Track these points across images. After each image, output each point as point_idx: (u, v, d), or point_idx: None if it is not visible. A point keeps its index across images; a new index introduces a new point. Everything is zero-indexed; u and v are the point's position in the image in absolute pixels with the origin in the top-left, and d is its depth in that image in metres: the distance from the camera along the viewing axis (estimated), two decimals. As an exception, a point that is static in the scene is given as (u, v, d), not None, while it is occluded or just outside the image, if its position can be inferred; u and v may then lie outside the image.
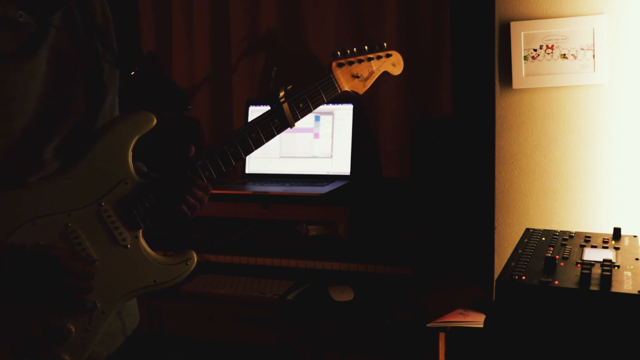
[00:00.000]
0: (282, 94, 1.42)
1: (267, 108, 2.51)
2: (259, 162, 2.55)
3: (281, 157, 2.52)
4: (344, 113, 2.45)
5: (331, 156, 2.46)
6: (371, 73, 1.54)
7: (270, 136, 1.42)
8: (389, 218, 2.32)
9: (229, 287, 2.21)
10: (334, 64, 1.49)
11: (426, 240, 2.19)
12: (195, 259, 1.38)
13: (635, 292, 1.37)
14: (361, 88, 1.53)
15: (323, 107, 2.47)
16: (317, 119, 2.47)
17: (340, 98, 2.51)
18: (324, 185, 2.32)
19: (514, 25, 2.06)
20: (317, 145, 2.48)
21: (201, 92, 2.85)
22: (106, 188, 1.30)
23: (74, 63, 1.31)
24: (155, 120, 1.33)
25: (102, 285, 1.27)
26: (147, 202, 1.32)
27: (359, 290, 2.15)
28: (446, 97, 2.43)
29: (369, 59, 1.54)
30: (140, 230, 1.33)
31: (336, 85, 1.48)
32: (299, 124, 1.46)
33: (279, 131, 1.43)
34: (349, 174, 2.43)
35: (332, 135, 2.46)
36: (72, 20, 1.32)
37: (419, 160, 2.36)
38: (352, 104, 2.45)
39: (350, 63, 1.51)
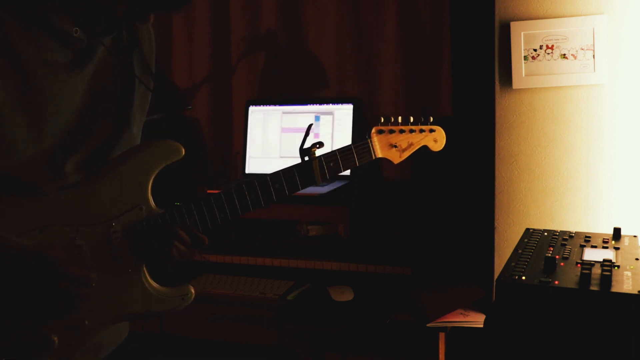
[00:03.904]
0: (314, 150, 1.41)
1: (267, 108, 2.54)
2: (259, 162, 2.55)
3: (281, 157, 2.52)
4: (344, 113, 2.45)
5: (331, 156, 2.45)
6: (410, 145, 1.51)
7: (294, 189, 1.40)
8: (389, 218, 2.32)
9: (229, 287, 2.21)
10: (374, 129, 1.47)
11: (426, 240, 2.19)
12: (193, 295, 1.37)
13: (635, 292, 1.36)
14: (397, 158, 1.50)
15: (323, 107, 2.48)
16: (317, 119, 2.47)
17: (340, 98, 2.52)
18: (323, 185, 2.32)
19: (514, 25, 2.06)
20: (317, 145, 2.47)
21: (201, 92, 2.85)
22: (120, 210, 1.29)
23: (111, 85, 1.32)
24: (183, 152, 1.33)
25: (94, 303, 1.25)
26: (151, 235, 1.31)
27: (359, 290, 2.15)
28: (446, 97, 2.43)
29: (411, 131, 1.52)
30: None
31: (371, 151, 1.47)
32: (298, 124, 1.45)
33: (304, 186, 1.41)
34: (348, 174, 2.42)
35: (332, 135, 2.46)
36: (120, 44, 1.34)
37: (419, 160, 2.36)
38: (352, 103, 2.45)
39: (391, 132, 1.49)
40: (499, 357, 1.49)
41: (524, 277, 1.48)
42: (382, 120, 1.49)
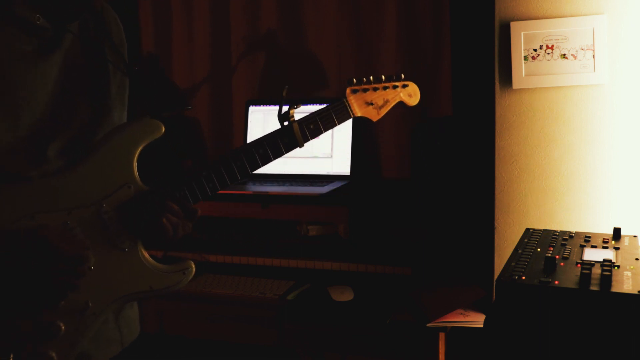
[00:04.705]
0: (292, 112, 1.44)
1: (267, 108, 2.54)
2: (259, 162, 2.55)
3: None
4: (344, 113, 2.45)
5: (331, 156, 2.46)
6: (386, 102, 1.55)
7: (278, 154, 1.43)
8: (389, 218, 2.32)
9: (229, 287, 2.21)
10: (348, 89, 1.51)
11: (426, 240, 2.19)
12: (194, 269, 1.37)
13: (635, 292, 1.37)
14: (375, 115, 1.54)
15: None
16: (317, 119, 2.47)
17: (340, 98, 2.51)
18: (323, 185, 2.32)
19: (514, 25, 2.06)
20: (317, 145, 2.47)
21: (201, 92, 2.85)
22: (109, 190, 1.29)
23: (84, 71, 1.33)
24: (163, 129, 1.33)
25: (96, 285, 1.26)
26: (143, 209, 1.31)
27: (359, 290, 2.15)
28: (446, 97, 2.43)
29: (385, 88, 1.54)
30: None
31: (349, 110, 1.50)
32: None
33: (287, 150, 1.44)
34: (348, 174, 2.43)
35: (332, 135, 2.46)
36: (87, 30, 1.35)
37: (419, 160, 2.36)
38: (352, 104, 2.45)
39: (365, 90, 1.52)
40: (499, 357, 1.49)
41: (524, 277, 1.48)
42: (355, 80, 1.52)
